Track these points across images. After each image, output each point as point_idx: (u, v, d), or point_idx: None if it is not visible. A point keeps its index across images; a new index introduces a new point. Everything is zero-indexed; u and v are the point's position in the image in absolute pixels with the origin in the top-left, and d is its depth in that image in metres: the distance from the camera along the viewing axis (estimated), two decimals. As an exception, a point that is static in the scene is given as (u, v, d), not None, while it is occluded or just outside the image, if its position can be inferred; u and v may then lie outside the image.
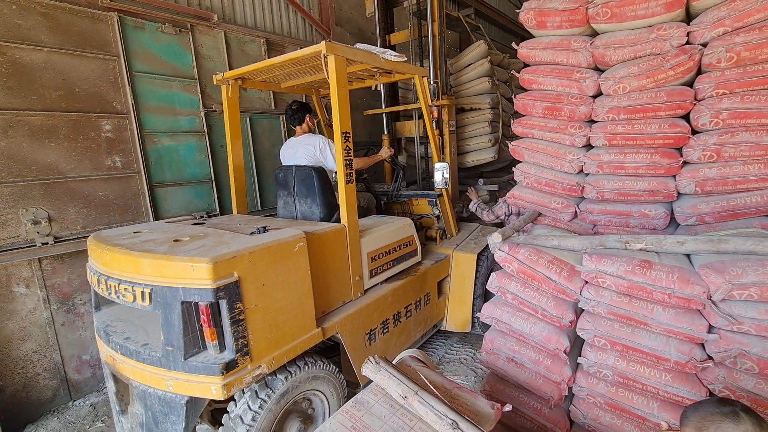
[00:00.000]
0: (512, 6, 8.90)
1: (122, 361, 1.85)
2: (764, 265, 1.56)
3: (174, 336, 1.63)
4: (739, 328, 1.58)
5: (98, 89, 3.02)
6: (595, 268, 1.83)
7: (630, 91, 2.18)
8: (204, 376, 1.63)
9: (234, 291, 1.63)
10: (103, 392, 3.06)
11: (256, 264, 1.73)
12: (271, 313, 1.81)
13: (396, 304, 2.69)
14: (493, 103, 4.48)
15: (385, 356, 1.64)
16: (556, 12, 2.31)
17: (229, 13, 3.92)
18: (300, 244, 1.93)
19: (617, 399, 1.89)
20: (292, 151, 3.04)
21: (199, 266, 1.56)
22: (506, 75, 4.93)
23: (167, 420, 1.73)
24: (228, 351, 1.67)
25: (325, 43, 2.14)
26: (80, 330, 2.99)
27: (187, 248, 1.74)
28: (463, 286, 3.24)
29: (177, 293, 1.60)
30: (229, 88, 2.85)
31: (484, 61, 4.41)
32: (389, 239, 2.69)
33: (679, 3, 1.98)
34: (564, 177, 2.50)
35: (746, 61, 1.90)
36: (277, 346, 1.85)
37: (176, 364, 1.65)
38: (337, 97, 2.23)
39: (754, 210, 2.02)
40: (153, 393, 1.75)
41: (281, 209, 3.04)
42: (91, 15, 2.98)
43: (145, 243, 1.86)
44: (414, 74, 3.02)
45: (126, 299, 1.72)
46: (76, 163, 2.91)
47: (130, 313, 2.17)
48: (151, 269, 1.65)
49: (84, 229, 2.95)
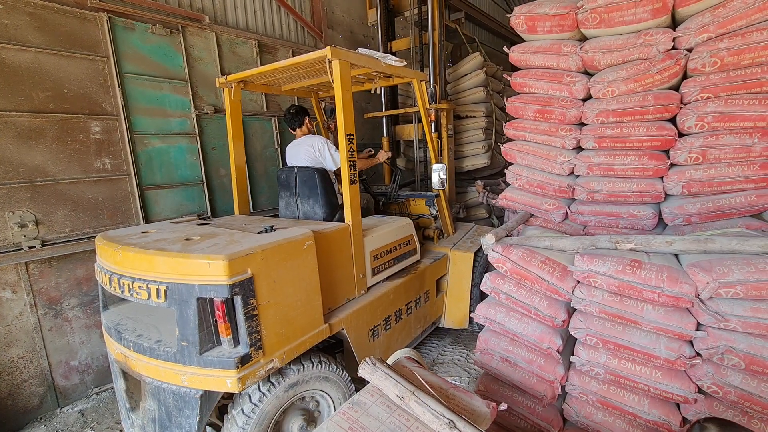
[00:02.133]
0: (502, 11, 9.02)
1: (135, 358, 1.87)
2: (749, 263, 1.61)
3: (189, 331, 1.66)
4: (725, 325, 1.62)
5: (87, 90, 2.98)
6: (587, 268, 1.86)
7: (618, 94, 2.23)
8: (219, 370, 1.67)
9: (248, 287, 1.68)
10: (92, 398, 3.00)
11: (269, 261, 1.78)
12: (282, 308, 1.86)
13: (397, 301, 2.77)
14: (488, 111, 4.69)
15: (381, 356, 1.64)
16: (547, 17, 2.35)
17: (220, 14, 3.90)
18: (309, 243, 1.99)
19: (609, 397, 1.93)
20: (294, 152, 3.08)
21: (216, 263, 1.60)
22: (500, 85, 5.14)
23: (181, 414, 1.76)
24: (242, 345, 1.71)
25: (330, 48, 2.20)
26: (68, 335, 2.93)
27: (201, 246, 1.78)
28: (460, 284, 3.33)
29: (193, 290, 1.63)
30: (231, 91, 2.89)
31: (480, 72, 4.62)
32: (390, 238, 2.77)
33: (665, 9, 2.04)
34: (555, 179, 2.54)
35: (730, 66, 1.95)
36: (288, 341, 1.90)
37: (191, 359, 1.69)
38: (341, 100, 2.29)
39: (738, 210, 2.07)
40: (167, 388, 1.78)
41: (283, 209, 3.09)
42: (80, 15, 2.94)
43: (158, 242, 1.89)
44: (413, 78, 3.09)
45: (140, 297, 1.75)
46: (64, 165, 2.86)
47: (139, 311, 2.20)
48: (166, 267, 1.68)
49: (72, 233, 2.90)
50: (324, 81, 3.08)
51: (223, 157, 3.87)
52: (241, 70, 4.05)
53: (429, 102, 3.44)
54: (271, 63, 2.59)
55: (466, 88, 4.73)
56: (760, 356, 1.57)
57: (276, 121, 4.35)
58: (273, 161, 4.37)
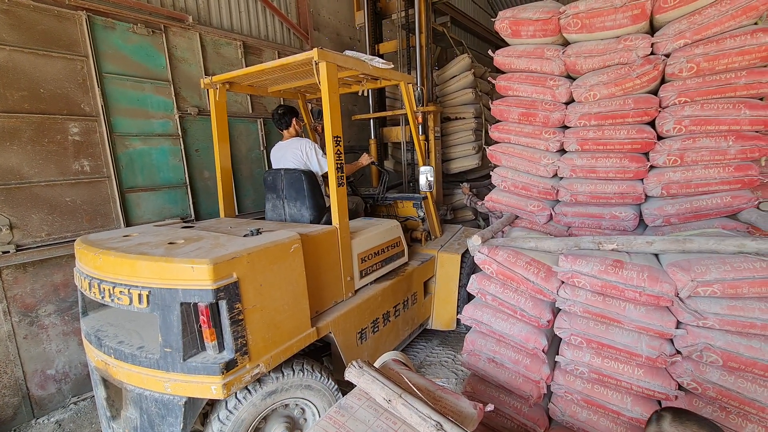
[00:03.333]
0: (487, 15, 9.14)
1: (116, 365, 1.82)
2: (725, 263, 1.66)
3: (173, 337, 1.63)
4: (704, 323, 1.67)
5: (65, 90, 2.89)
6: (571, 268, 1.89)
7: (600, 98, 2.28)
8: (204, 376, 1.64)
9: (233, 291, 1.66)
10: (70, 408, 2.90)
11: (255, 265, 1.76)
12: (268, 312, 1.84)
13: (385, 304, 2.76)
14: (477, 112, 4.71)
15: (368, 359, 1.64)
16: (530, 21, 2.39)
17: (204, 14, 3.85)
18: (295, 245, 1.97)
19: (593, 395, 1.95)
20: (280, 154, 3.05)
21: (200, 267, 1.58)
22: (488, 87, 5.18)
23: (164, 422, 1.71)
24: (227, 351, 1.68)
25: (317, 50, 2.19)
26: (44, 343, 2.83)
27: (185, 250, 1.74)
28: (448, 286, 3.34)
29: (176, 295, 1.60)
30: (217, 92, 2.86)
31: (468, 74, 4.66)
32: (378, 240, 2.76)
33: (643, 16, 2.09)
34: (539, 180, 2.58)
35: (705, 72, 2.02)
36: (275, 346, 1.88)
37: (175, 365, 1.65)
38: (328, 102, 2.28)
39: (714, 211, 2.14)
40: (149, 396, 1.73)
41: (269, 212, 3.06)
42: (57, 13, 2.86)
43: (140, 246, 1.85)
44: (400, 81, 3.11)
45: (122, 302, 1.70)
46: (40, 167, 2.77)
47: (120, 317, 2.14)
48: (149, 271, 1.65)
49: (49, 237, 2.81)
50: (311, 83, 3.07)
51: (207, 159, 3.81)
52: (226, 71, 4.00)
53: (416, 105, 3.47)
54: (256, 64, 2.56)
55: (455, 90, 4.76)
56: (737, 353, 1.61)
57: (262, 123, 4.30)
58: (258, 163, 4.32)
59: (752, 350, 1.60)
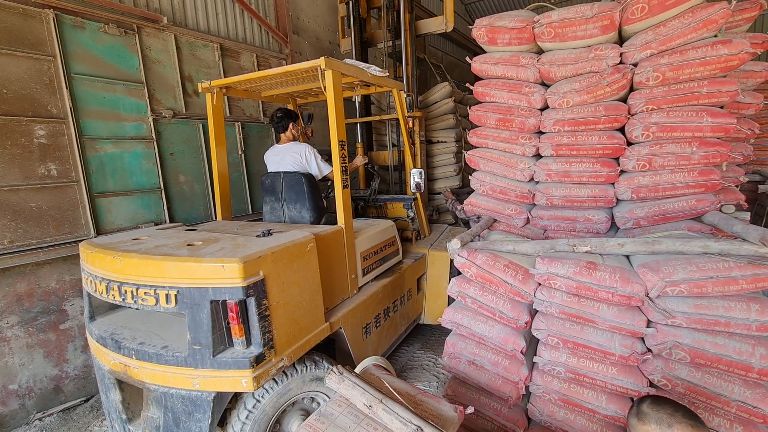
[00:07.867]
0: (465, 23, 9.30)
1: (137, 366, 1.85)
2: (691, 263, 1.73)
3: (202, 335, 1.69)
4: (672, 321, 1.73)
5: (30, 91, 2.77)
6: (547, 270, 1.93)
7: (573, 105, 2.35)
8: (234, 371, 1.71)
9: (261, 288, 1.73)
10: (34, 425, 2.76)
11: (278, 263, 1.85)
12: (290, 308, 1.93)
13: (385, 300, 2.90)
14: (457, 136, 4.96)
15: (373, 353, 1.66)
16: (506, 30, 2.44)
17: (180, 16, 3.77)
18: (311, 245, 2.07)
19: (570, 395, 2.00)
20: (278, 158, 3.05)
21: (230, 266, 1.64)
22: (467, 111, 5.29)
23: (191, 419, 1.77)
24: (255, 345, 1.75)
25: (324, 59, 2.32)
26: (7, 356, 2.68)
27: (210, 251, 1.80)
28: (438, 282, 3.50)
29: (206, 293, 1.66)
30: (214, 96, 2.92)
31: (449, 101, 4.89)
32: (377, 239, 2.90)
33: (612, 26, 2.18)
34: (516, 185, 2.63)
35: (670, 81, 2.11)
36: (296, 340, 1.97)
37: (204, 361, 1.71)
38: (334, 108, 2.41)
39: (681, 214, 2.23)
40: (175, 393, 1.78)
41: (267, 214, 3.09)
42: (23, 11, 2.74)
43: (160, 248, 1.89)
44: (393, 87, 3.29)
45: (147, 303, 1.74)
46: (2, 170, 2.64)
47: (130, 319, 2.16)
48: (177, 271, 1.69)
49: (12, 244, 2.67)
50: (305, 88, 3.17)
51: (183, 163, 3.72)
52: (203, 73, 3.94)
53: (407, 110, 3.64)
54: (233, 67, 2.55)
55: (437, 115, 4.98)
56: (703, 350, 1.68)
57: (240, 127, 4.23)
58: (236, 167, 4.25)
59: (717, 347, 1.67)
